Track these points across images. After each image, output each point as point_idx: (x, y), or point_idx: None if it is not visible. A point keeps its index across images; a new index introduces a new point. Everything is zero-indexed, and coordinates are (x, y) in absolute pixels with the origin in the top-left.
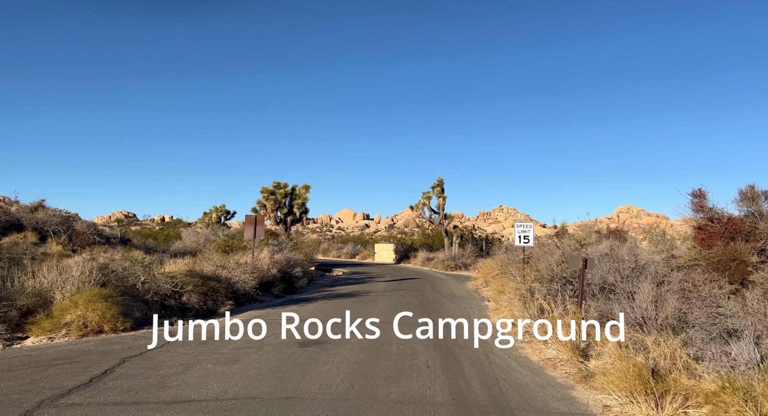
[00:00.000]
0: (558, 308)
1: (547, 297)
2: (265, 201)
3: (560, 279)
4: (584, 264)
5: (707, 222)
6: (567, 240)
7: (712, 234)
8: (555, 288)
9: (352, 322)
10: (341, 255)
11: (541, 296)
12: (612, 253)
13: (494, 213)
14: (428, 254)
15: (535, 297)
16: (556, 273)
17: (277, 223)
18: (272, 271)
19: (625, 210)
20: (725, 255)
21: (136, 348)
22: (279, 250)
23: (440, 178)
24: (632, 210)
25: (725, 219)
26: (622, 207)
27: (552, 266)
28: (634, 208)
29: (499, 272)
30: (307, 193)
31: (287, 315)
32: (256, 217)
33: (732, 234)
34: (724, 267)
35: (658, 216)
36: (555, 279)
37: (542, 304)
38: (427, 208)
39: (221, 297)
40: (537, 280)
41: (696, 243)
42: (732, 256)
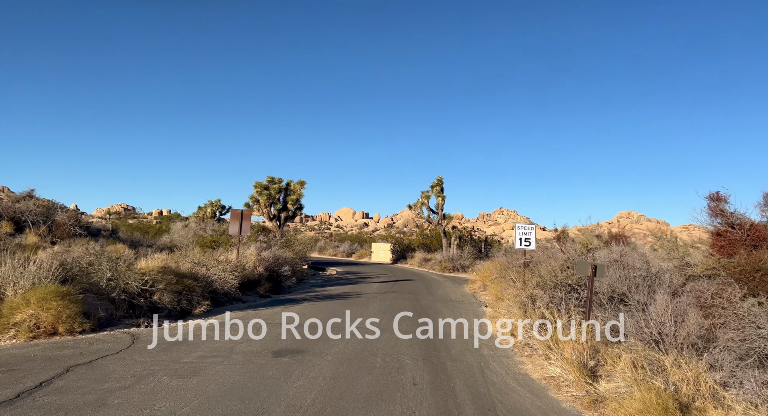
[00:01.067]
0: (562, 318)
1: (550, 305)
2: (259, 196)
3: (564, 287)
4: (593, 271)
5: (727, 229)
6: (572, 245)
7: (732, 241)
8: (558, 296)
9: (336, 329)
10: (337, 253)
11: (543, 304)
12: (622, 260)
13: (494, 215)
14: (426, 255)
15: (537, 305)
16: (561, 280)
17: (270, 219)
18: (258, 269)
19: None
20: (749, 265)
21: (89, 354)
22: (268, 247)
23: (440, 177)
24: (633, 215)
25: (747, 225)
26: (623, 212)
27: (556, 272)
28: (635, 214)
29: (498, 275)
30: (302, 188)
31: (267, 319)
32: (242, 212)
33: (755, 242)
34: (747, 278)
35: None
36: (559, 286)
37: (544, 313)
38: (425, 207)
39: (197, 297)
40: (539, 286)
41: (714, 250)
42: (756, 266)
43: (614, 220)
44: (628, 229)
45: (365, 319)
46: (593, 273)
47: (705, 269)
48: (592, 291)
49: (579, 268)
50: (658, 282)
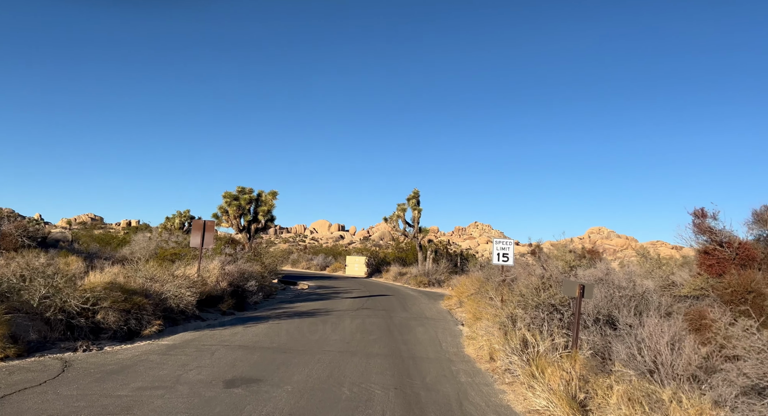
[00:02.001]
0: (545, 341)
1: (531, 326)
2: (228, 206)
3: (546, 307)
4: (581, 291)
5: (715, 247)
6: (554, 262)
7: (721, 260)
8: (540, 317)
9: (301, 351)
10: (311, 266)
11: (524, 325)
12: (607, 278)
13: (469, 229)
14: (401, 268)
15: (518, 325)
16: (543, 300)
17: (239, 231)
18: (221, 284)
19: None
20: (741, 286)
21: (4, 387)
22: (233, 261)
23: (416, 189)
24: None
25: (736, 243)
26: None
27: (538, 290)
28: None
29: (475, 291)
30: (273, 199)
31: (225, 341)
32: (205, 223)
33: (744, 261)
34: (739, 300)
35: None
36: (541, 306)
37: (526, 335)
38: (401, 220)
39: (148, 316)
40: (520, 306)
41: (702, 269)
42: (748, 287)
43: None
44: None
45: (334, 340)
46: (581, 293)
47: (693, 289)
48: (579, 313)
49: (566, 288)
50: (644, 303)
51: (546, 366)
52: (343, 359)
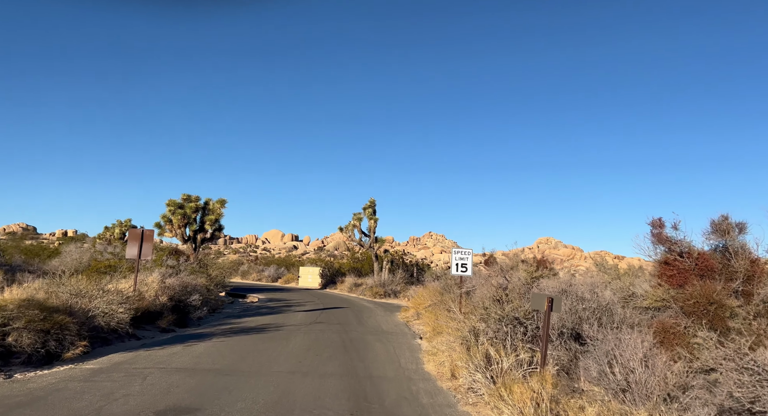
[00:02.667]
0: (509, 357)
1: (495, 340)
2: (172, 215)
3: (510, 320)
4: (550, 304)
5: (676, 257)
6: (517, 273)
7: (682, 270)
8: (504, 331)
9: (247, 373)
10: (262, 278)
11: (487, 339)
12: (571, 290)
13: (424, 239)
14: (356, 279)
15: (480, 340)
16: (507, 313)
17: (184, 241)
18: (161, 299)
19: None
20: (703, 297)
21: None
22: (176, 273)
23: (372, 199)
24: (551, 241)
25: (695, 254)
26: (542, 238)
27: (501, 303)
28: (553, 240)
29: (433, 303)
30: (222, 208)
31: (161, 363)
32: (143, 232)
33: (702, 272)
34: (702, 312)
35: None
36: (504, 319)
37: (489, 351)
38: (357, 229)
39: (71, 337)
40: (482, 319)
41: (662, 280)
42: (710, 299)
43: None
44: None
45: (285, 359)
46: (549, 306)
47: (655, 301)
48: (548, 328)
49: (534, 302)
50: (608, 316)
51: (512, 384)
52: (294, 381)
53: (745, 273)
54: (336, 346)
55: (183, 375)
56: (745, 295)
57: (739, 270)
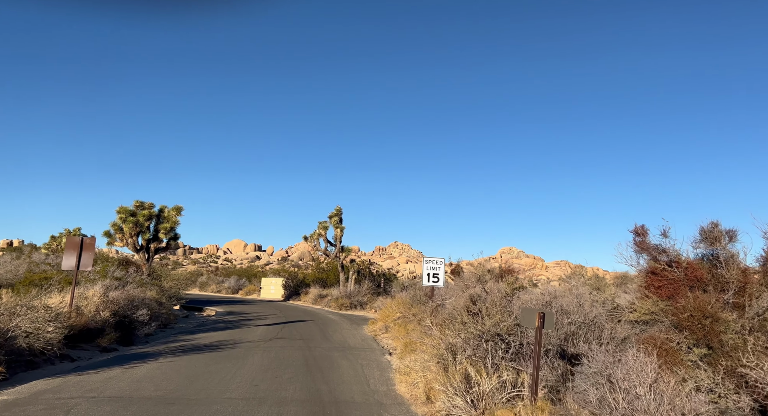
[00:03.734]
0: (491, 378)
1: (474, 358)
2: (122, 223)
3: (491, 335)
4: (541, 321)
5: (664, 267)
6: (496, 285)
7: (671, 281)
8: (483, 348)
9: (193, 401)
10: (222, 290)
11: (466, 357)
12: (556, 303)
13: (390, 248)
14: (321, 290)
15: (458, 358)
16: (489, 328)
17: (137, 251)
18: (102, 314)
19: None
20: (697, 311)
21: None
22: (122, 285)
23: (339, 207)
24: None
25: (684, 263)
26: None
27: (479, 316)
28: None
29: (402, 315)
30: (178, 215)
31: (93, 391)
32: (82, 240)
33: (692, 282)
34: (696, 326)
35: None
36: (484, 335)
37: (468, 370)
38: (323, 238)
39: None
40: (460, 335)
41: (650, 291)
42: (705, 312)
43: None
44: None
45: (239, 382)
46: (541, 323)
47: (643, 313)
48: (540, 347)
49: (524, 318)
50: (597, 331)
51: (496, 411)
52: (248, 410)
53: (737, 284)
54: (298, 365)
55: (117, 405)
56: (737, 308)
57: (731, 280)
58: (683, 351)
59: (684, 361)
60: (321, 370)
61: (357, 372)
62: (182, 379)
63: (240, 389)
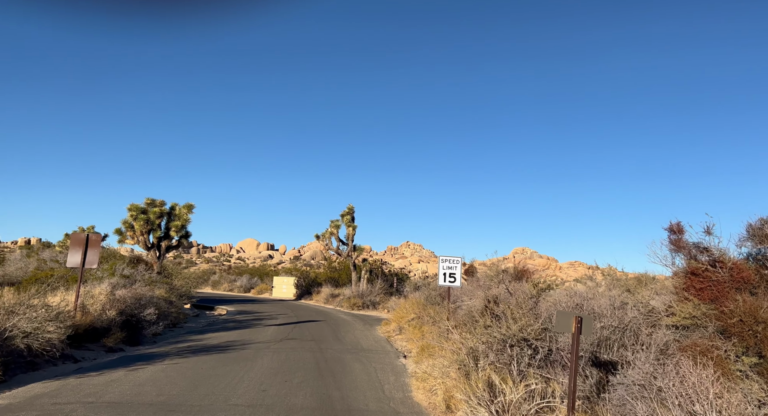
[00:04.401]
0: (518, 387)
1: (497, 364)
2: (133, 220)
3: (517, 340)
4: (578, 326)
5: (707, 267)
6: (520, 285)
7: (716, 283)
8: (509, 354)
9: (197, 408)
10: (234, 288)
11: (489, 363)
12: (588, 305)
13: (401, 248)
14: (333, 290)
15: (481, 364)
16: (514, 332)
17: (148, 249)
18: (109, 313)
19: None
20: (749, 316)
21: None
22: (130, 283)
23: (351, 205)
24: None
25: (730, 263)
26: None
27: (503, 319)
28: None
29: (416, 316)
30: (189, 213)
31: (92, 395)
32: (87, 237)
33: (738, 284)
34: (747, 332)
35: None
36: (509, 340)
37: (492, 378)
38: (334, 237)
39: None
40: (481, 339)
41: (690, 293)
42: (757, 317)
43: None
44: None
45: (246, 386)
46: (578, 328)
47: (683, 318)
48: (577, 355)
49: (559, 322)
50: (630, 335)
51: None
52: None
53: None
54: (309, 368)
55: (114, 412)
56: None
57: None
58: (731, 359)
59: (732, 371)
60: (333, 374)
61: (371, 377)
62: (187, 383)
63: (247, 394)
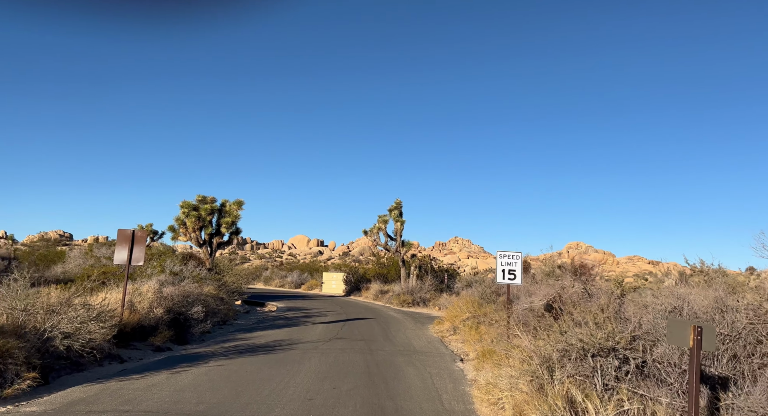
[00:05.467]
0: (607, 407)
1: (576, 377)
2: (186, 218)
3: (603, 349)
4: (698, 338)
5: None
6: (604, 284)
7: None
8: (591, 365)
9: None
10: (285, 284)
11: (565, 375)
12: (686, 308)
13: (449, 244)
14: (382, 286)
15: (557, 376)
16: (599, 340)
17: (200, 245)
18: (156, 311)
19: (575, 246)
20: None
21: None
22: (179, 280)
23: (398, 200)
24: (581, 246)
25: None
26: (572, 242)
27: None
28: (583, 245)
29: (471, 315)
30: (239, 209)
31: (131, 401)
32: (133, 233)
33: None
34: None
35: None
36: (590, 349)
37: (572, 393)
38: (382, 232)
39: (15, 366)
40: (556, 347)
41: None
42: None
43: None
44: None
45: (292, 394)
46: (698, 341)
47: None
48: (698, 375)
49: (672, 332)
50: (745, 345)
51: None
52: None
53: None
54: (359, 373)
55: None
56: None
57: None
58: None
59: None
60: (385, 380)
61: (426, 384)
62: (229, 389)
63: (291, 404)
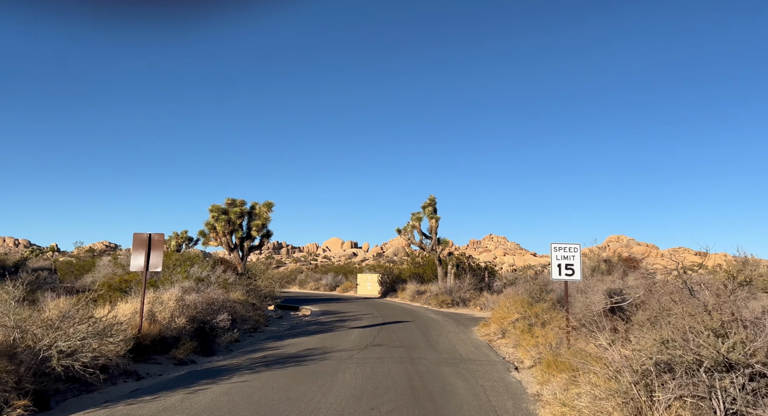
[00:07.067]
0: None
1: (687, 399)
2: (215, 222)
3: (717, 363)
4: None
5: None
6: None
7: None
8: (705, 383)
9: None
10: (320, 287)
11: (673, 396)
12: None
13: (484, 241)
14: (419, 286)
15: (658, 397)
16: (719, 353)
17: (231, 250)
18: (178, 321)
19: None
20: None
21: None
22: (206, 286)
23: (432, 196)
24: (622, 239)
25: None
26: (612, 236)
27: (710, 338)
28: (624, 237)
29: (521, 316)
30: (269, 211)
31: None
32: (150, 238)
33: None
34: None
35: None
36: (706, 362)
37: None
38: (417, 231)
39: (4, 393)
40: (651, 360)
41: None
42: None
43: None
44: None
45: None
46: None
47: None
48: None
49: None
50: None
51: None
52: None
53: None
54: (400, 388)
55: None
56: None
57: None
58: None
59: None
60: (431, 397)
61: (480, 401)
62: (251, 409)
63: None
